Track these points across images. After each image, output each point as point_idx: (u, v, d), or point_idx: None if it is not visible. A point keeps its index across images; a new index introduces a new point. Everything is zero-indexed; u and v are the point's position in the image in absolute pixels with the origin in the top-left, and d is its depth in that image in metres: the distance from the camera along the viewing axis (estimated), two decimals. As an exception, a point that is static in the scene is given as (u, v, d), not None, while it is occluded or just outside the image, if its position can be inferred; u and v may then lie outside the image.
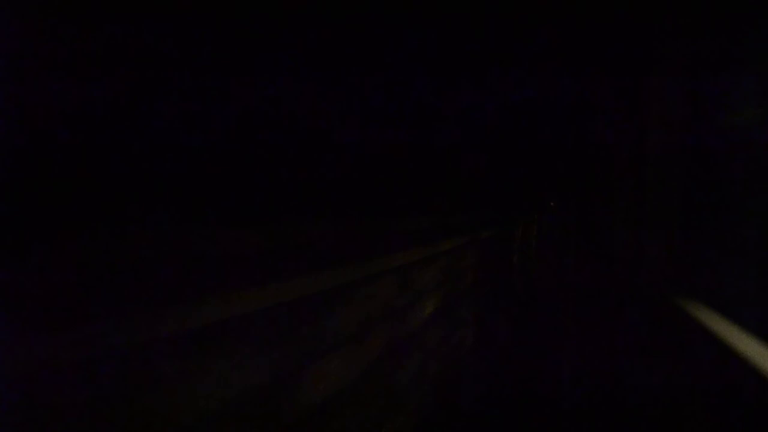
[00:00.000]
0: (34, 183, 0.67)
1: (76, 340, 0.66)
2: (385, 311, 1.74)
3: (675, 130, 1.84)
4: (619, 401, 2.36)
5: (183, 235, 0.90)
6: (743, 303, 1.24)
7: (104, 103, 0.75)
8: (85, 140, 0.73)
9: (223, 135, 1.01)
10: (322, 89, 1.28)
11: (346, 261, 1.36)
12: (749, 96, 1.37)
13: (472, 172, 3.18)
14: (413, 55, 1.86)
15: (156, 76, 0.84)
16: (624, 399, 2.30)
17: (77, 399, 0.70)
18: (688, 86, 1.79)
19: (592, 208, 4.70)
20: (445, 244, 2.42)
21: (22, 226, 0.65)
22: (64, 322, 0.65)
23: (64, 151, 0.70)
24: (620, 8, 2.40)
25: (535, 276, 7.08)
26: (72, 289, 0.71)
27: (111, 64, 0.75)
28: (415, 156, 2.12)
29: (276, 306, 1.11)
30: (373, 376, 1.63)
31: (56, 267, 0.68)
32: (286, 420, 1.16)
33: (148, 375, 0.80)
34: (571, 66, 2.92)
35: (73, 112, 0.70)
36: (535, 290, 6.53)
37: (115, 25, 0.76)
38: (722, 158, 1.51)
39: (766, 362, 1.00)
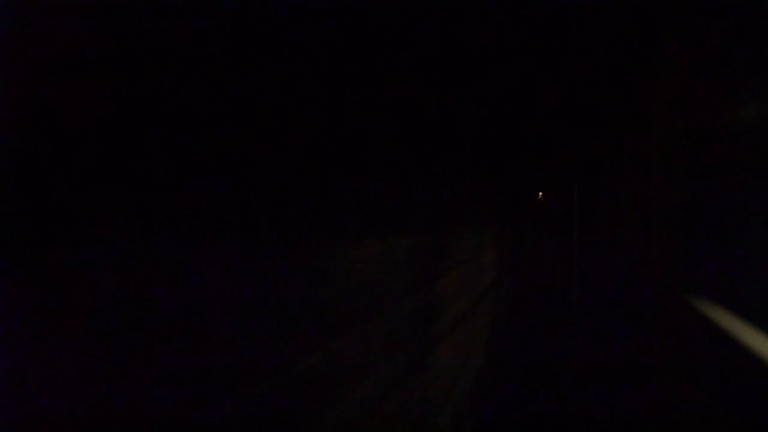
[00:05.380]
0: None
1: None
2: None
3: (680, 124, 1.82)
4: (629, 398, 2.35)
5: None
6: (753, 299, 1.23)
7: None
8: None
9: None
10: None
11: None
12: (756, 90, 1.35)
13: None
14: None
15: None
16: (634, 395, 2.28)
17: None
18: (695, 80, 1.77)
19: (595, 205, 4.67)
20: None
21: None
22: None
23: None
24: (623, 3, 2.37)
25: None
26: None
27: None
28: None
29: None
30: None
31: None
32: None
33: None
34: (577, 59, 2.90)
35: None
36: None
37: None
38: (729, 152, 1.49)
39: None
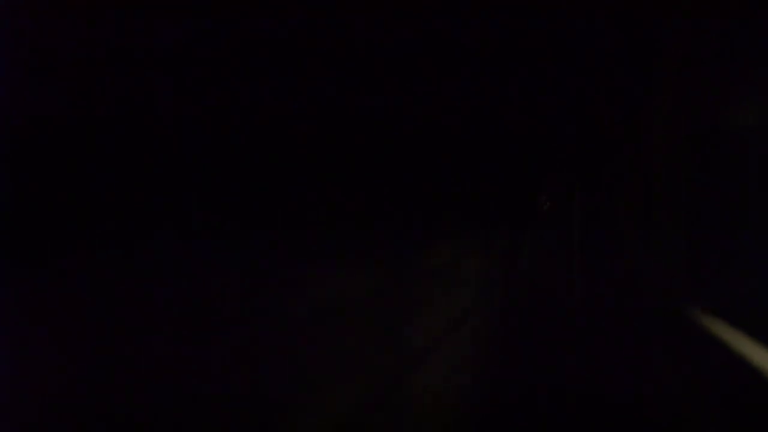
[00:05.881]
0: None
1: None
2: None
3: (681, 131, 1.81)
4: (627, 412, 2.34)
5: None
6: (754, 312, 1.23)
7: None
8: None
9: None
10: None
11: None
12: (757, 94, 1.35)
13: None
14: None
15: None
16: (631, 410, 2.28)
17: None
18: (695, 85, 1.76)
19: (597, 207, 4.67)
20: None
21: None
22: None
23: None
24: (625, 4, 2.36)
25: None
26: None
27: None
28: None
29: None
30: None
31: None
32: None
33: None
34: (577, 61, 2.89)
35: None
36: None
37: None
38: (731, 161, 1.49)
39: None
